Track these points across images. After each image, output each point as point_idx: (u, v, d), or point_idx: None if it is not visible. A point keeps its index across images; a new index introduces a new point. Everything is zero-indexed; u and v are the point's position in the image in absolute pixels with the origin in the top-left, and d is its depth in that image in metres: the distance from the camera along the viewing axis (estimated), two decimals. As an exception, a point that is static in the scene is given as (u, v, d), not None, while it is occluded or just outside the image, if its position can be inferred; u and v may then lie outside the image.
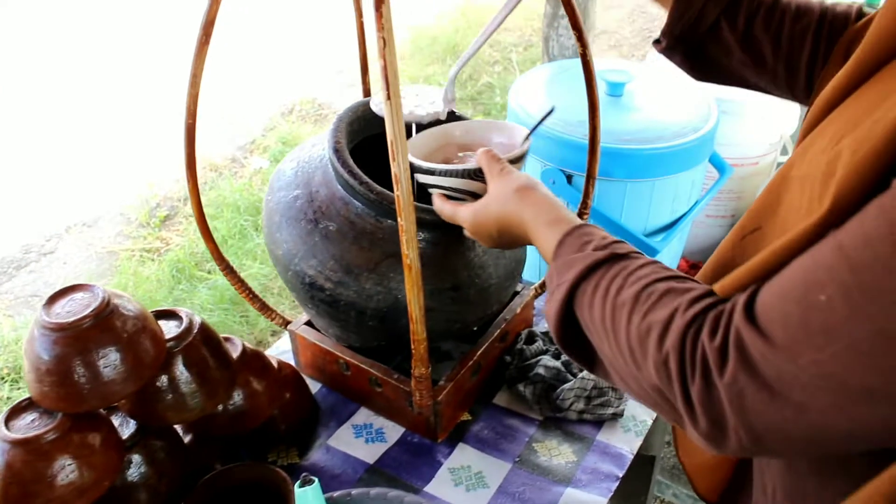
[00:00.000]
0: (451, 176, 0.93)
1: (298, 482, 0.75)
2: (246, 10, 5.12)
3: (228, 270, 1.20)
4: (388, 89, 0.74)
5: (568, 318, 0.71)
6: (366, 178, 1.01)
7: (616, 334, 0.64)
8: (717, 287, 0.62)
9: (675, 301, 0.60)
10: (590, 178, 1.23)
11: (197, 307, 2.80)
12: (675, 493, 1.92)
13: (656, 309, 0.61)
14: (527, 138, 1.02)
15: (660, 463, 1.48)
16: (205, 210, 1.13)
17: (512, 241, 0.87)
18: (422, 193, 0.99)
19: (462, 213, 0.91)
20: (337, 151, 1.04)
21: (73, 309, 0.85)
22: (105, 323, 0.85)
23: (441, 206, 0.95)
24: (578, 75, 1.15)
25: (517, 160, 0.97)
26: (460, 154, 1.07)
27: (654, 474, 1.43)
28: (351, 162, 1.03)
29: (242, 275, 2.91)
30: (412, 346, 0.89)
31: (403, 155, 0.78)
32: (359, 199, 1.03)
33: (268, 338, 2.73)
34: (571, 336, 0.72)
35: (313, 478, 0.75)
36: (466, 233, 0.92)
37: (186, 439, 1.07)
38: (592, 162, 1.22)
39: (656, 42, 1.06)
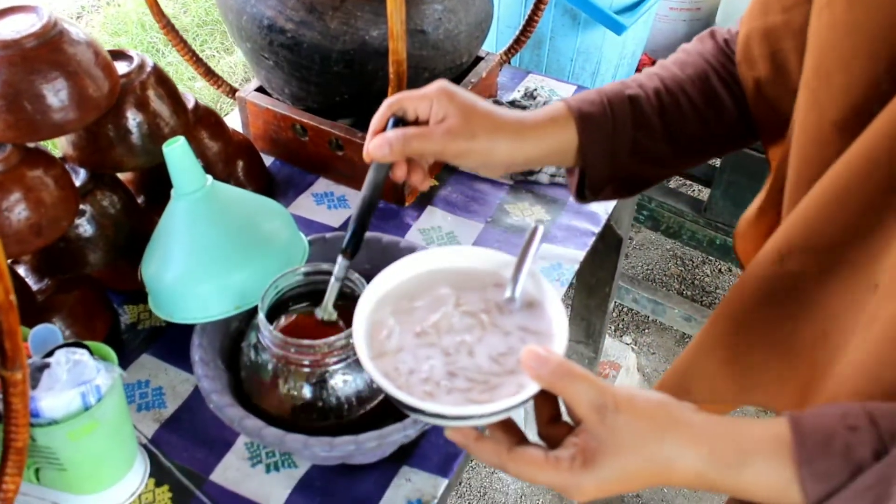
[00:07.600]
0: (494, 415, 0.58)
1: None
2: None
3: (169, 28, 1.20)
4: None
5: None
6: None
7: None
8: None
9: None
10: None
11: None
12: (636, 298, 2.06)
13: None
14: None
15: (622, 264, 1.58)
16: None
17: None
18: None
19: (574, 481, 0.55)
20: None
21: (18, 28, 0.85)
22: (53, 44, 0.85)
23: (504, 460, 0.58)
24: None
25: None
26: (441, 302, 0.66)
27: (619, 260, 1.53)
28: None
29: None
30: (390, 69, 0.91)
31: None
32: (319, -70, 1.03)
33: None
34: None
35: (180, 136, 0.84)
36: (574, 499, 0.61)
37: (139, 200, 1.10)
38: None
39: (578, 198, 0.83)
